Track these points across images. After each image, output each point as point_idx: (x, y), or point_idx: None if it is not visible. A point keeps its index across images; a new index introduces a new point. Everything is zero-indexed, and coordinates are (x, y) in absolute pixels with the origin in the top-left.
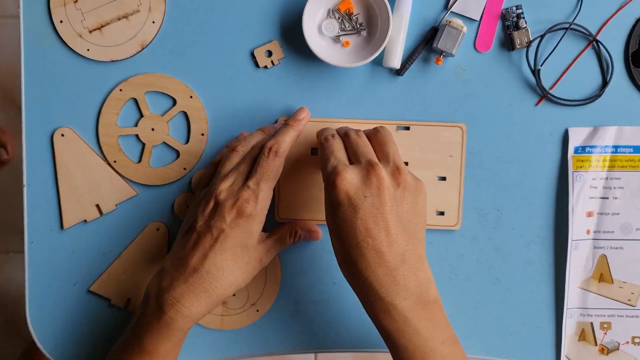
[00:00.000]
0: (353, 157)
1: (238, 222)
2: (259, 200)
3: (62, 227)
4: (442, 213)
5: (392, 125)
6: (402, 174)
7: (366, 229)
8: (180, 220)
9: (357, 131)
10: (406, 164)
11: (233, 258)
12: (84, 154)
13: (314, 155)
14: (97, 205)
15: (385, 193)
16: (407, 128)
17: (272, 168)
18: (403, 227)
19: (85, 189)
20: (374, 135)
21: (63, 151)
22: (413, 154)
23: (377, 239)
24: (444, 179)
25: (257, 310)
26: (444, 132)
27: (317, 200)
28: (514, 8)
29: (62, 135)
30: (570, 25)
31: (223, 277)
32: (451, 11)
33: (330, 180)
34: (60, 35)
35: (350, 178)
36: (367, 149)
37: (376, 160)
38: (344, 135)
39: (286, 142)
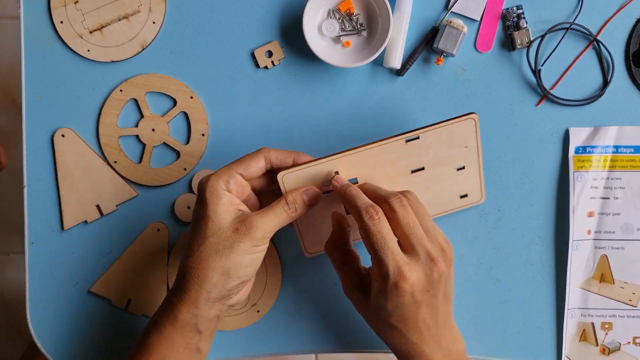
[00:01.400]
0: (404, 240)
1: None
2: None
3: (62, 227)
4: (465, 195)
5: (400, 139)
6: (448, 253)
7: (424, 318)
8: (181, 220)
9: (400, 198)
10: (422, 169)
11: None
12: (84, 155)
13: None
14: (98, 206)
15: (442, 282)
16: (417, 137)
17: None
18: (449, 299)
19: (85, 189)
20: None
21: (63, 152)
22: (427, 157)
23: (432, 319)
24: (462, 168)
25: (258, 311)
26: (456, 129)
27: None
28: (514, 8)
29: (63, 135)
30: (571, 25)
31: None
32: (451, 11)
33: (394, 283)
34: (61, 35)
35: (416, 280)
36: (420, 231)
37: (434, 252)
38: (388, 207)
39: None
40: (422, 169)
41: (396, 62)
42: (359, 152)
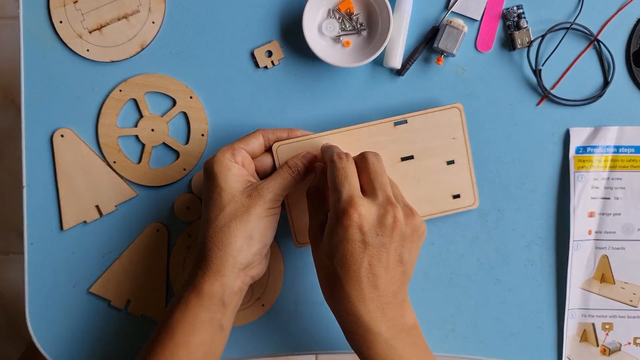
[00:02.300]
0: (368, 185)
1: None
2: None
3: (61, 228)
4: (457, 196)
5: (389, 122)
6: (415, 217)
7: (370, 265)
8: (180, 221)
9: (376, 154)
10: (412, 157)
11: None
12: (83, 155)
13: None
14: (97, 207)
15: (396, 234)
16: (405, 121)
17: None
18: (402, 267)
19: (85, 190)
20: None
21: (63, 152)
22: (417, 145)
23: (378, 275)
24: (452, 162)
25: (263, 305)
26: (441, 117)
27: None
28: (514, 8)
29: (62, 136)
30: (572, 25)
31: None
32: (452, 11)
33: (343, 209)
34: (60, 35)
35: (366, 213)
36: (385, 180)
37: (394, 200)
38: (360, 156)
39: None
40: (412, 157)
41: (396, 62)
42: (351, 130)
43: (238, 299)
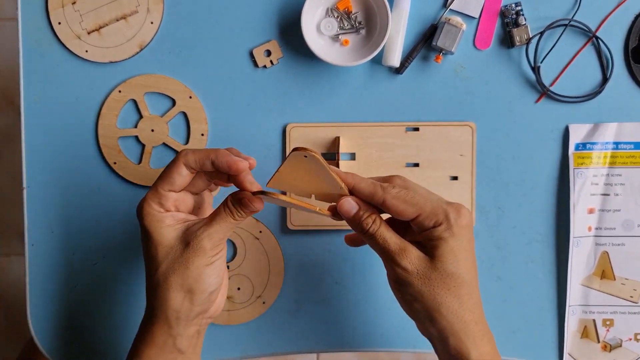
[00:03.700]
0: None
1: None
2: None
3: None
4: None
5: (401, 126)
6: None
7: (474, 259)
8: None
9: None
10: (417, 165)
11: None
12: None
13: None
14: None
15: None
16: (417, 129)
17: None
18: None
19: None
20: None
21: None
22: (424, 154)
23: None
24: (455, 178)
25: (264, 302)
26: (453, 132)
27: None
28: (513, 5)
29: None
30: (570, 21)
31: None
32: (450, 9)
33: (456, 209)
34: (59, 36)
35: (468, 213)
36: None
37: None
38: (398, 179)
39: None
40: (417, 165)
41: (395, 60)
42: (362, 126)
43: (197, 341)
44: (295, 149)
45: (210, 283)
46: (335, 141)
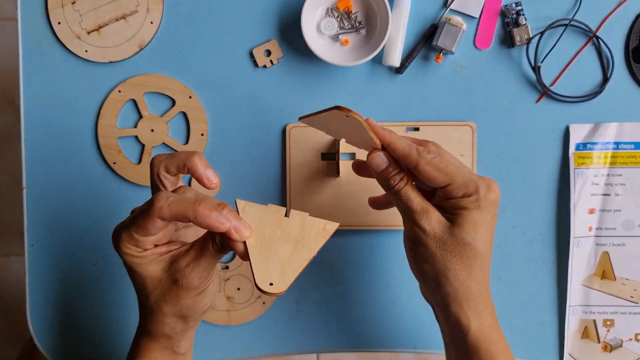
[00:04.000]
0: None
1: None
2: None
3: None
4: None
5: (401, 126)
6: None
7: (492, 237)
8: None
9: (433, 143)
10: None
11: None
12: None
13: (323, 161)
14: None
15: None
16: (417, 129)
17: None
18: None
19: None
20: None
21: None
22: None
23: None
24: None
25: (264, 303)
26: (453, 132)
27: (331, 205)
28: (513, 5)
29: None
30: (570, 21)
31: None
32: (450, 8)
33: (487, 184)
34: (59, 36)
35: (496, 188)
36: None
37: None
38: (424, 147)
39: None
40: None
41: (395, 60)
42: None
43: (192, 339)
44: (337, 107)
45: (203, 306)
46: (335, 141)
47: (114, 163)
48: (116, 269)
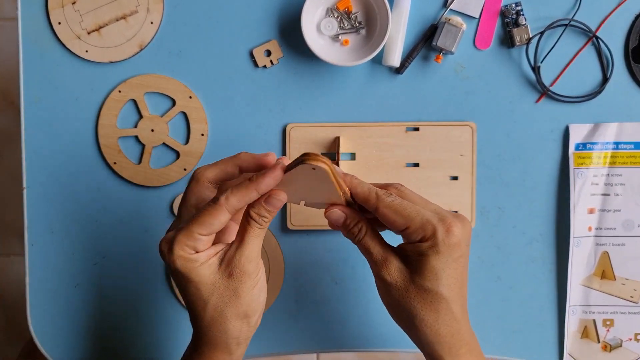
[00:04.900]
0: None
1: None
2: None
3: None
4: (455, 212)
5: (401, 126)
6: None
7: (464, 280)
8: None
9: (399, 184)
10: (417, 165)
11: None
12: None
13: None
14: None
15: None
16: (417, 129)
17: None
18: None
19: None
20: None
21: None
22: (424, 154)
23: (465, 286)
24: (455, 178)
25: None
26: (453, 132)
27: None
28: (513, 5)
29: None
30: (570, 21)
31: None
32: (450, 9)
33: (446, 229)
34: (59, 36)
35: (462, 225)
36: (432, 204)
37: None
38: (393, 189)
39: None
40: (417, 165)
41: (395, 60)
42: (362, 126)
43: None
44: (304, 158)
45: (261, 301)
46: (335, 141)
47: (114, 163)
48: (116, 268)
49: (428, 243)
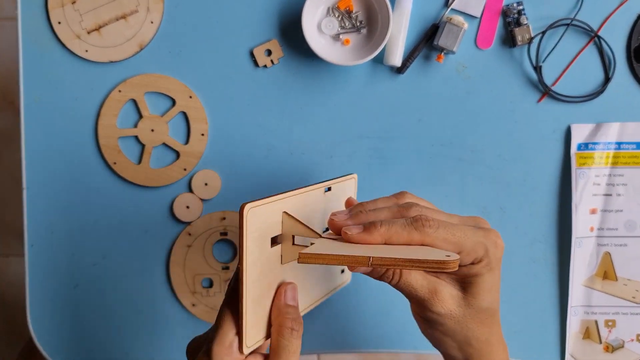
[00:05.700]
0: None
1: None
2: None
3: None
4: (342, 271)
5: (320, 188)
6: None
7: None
8: (179, 220)
9: (416, 205)
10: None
11: None
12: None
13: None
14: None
15: None
16: (329, 189)
17: None
18: None
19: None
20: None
21: None
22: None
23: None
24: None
25: None
26: (344, 186)
27: None
28: (514, 4)
29: None
30: (572, 21)
31: None
32: (452, 8)
33: (494, 242)
34: (59, 36)
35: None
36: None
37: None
38: (406, 202)
39: None
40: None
41: (396, 59)
42: (296, 194)
43: None
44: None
45: None
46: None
47: (114, 163)
48: (116, 269)
49: (483, 263)
